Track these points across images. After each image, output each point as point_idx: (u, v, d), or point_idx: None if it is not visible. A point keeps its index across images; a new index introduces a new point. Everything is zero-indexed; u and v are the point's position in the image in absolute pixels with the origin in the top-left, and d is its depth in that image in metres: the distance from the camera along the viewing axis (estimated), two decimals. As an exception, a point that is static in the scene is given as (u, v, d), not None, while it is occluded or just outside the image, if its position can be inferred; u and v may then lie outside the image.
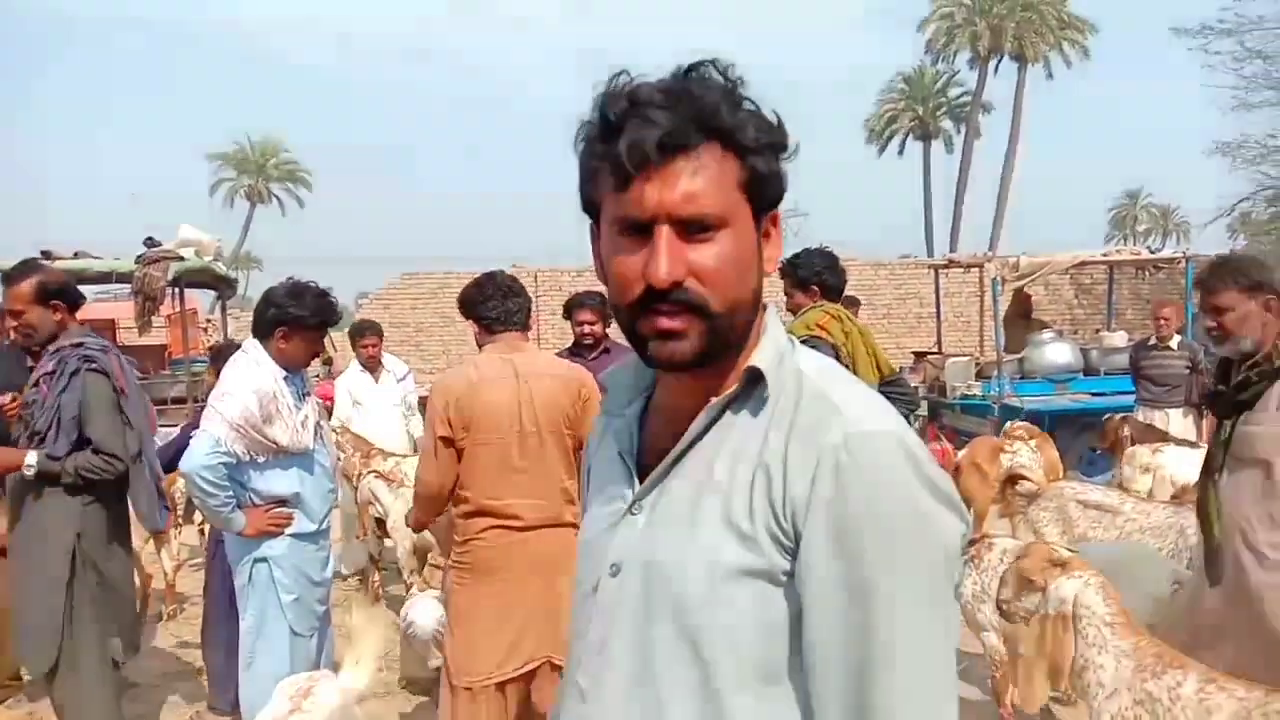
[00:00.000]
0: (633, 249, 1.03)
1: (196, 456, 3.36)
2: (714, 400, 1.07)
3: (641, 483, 1.13)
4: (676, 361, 1.05)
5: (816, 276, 4.08)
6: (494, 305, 3.34)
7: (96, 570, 3.50)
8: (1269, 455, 2.84)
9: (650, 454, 1.15)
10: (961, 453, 6.15)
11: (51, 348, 3.51)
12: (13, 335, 3.68)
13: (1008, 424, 7.17)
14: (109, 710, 3.56)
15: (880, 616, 0.97)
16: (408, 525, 3.77)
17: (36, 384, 3.50)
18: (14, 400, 3.91)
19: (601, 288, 1.18)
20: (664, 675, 1.05)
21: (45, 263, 3.94)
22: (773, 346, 1.09)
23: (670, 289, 1.01)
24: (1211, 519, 3.01)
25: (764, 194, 1.07)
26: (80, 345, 3.50)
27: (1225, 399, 3.00)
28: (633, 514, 1.12)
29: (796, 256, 4.22)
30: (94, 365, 3.46)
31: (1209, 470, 3.06)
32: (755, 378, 1.07)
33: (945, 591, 1.02)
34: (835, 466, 0.99)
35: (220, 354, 5.13)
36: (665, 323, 1.03)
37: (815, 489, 0.99)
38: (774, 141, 1.06)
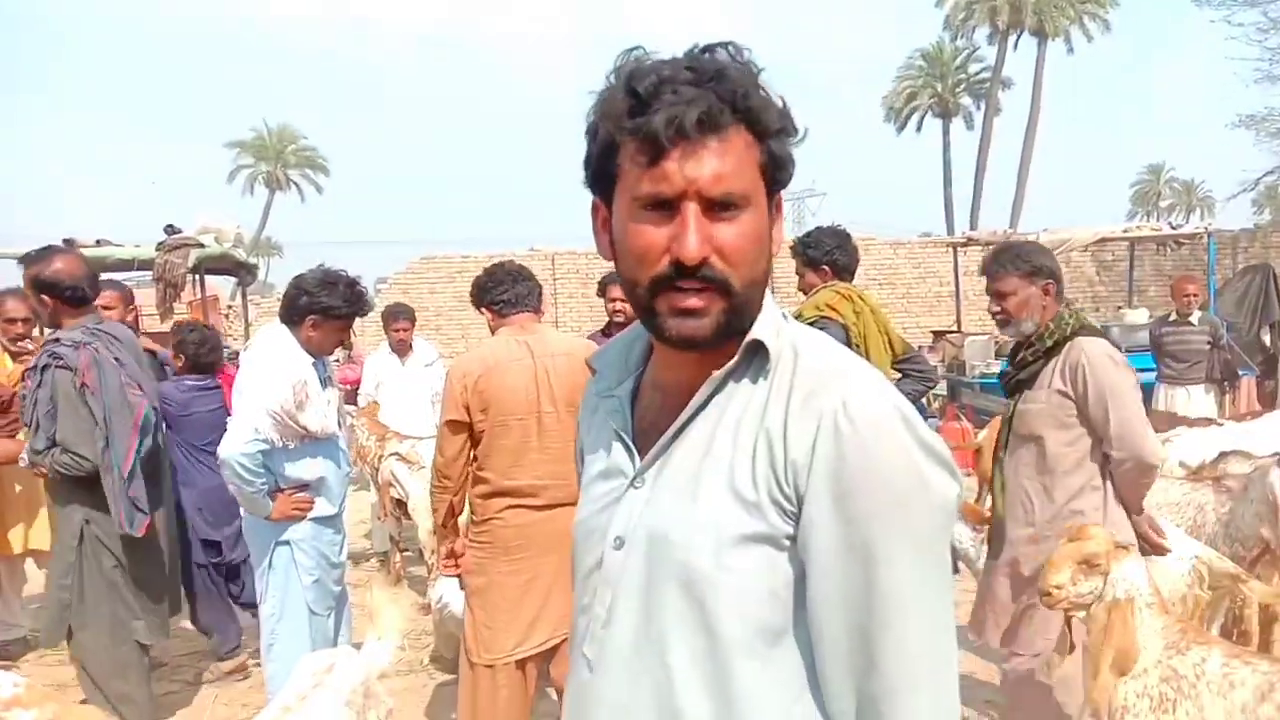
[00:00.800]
0: (657, 224, 1.04)
1: (236, 444, 3.41)
2: (716, 373, 1.09)
3: (641, 458, 1.14)
4: (696, 339, 1.06)
5: (827, 256, 4.06)
6: (505, 289, 3.38)
7: (111, 553, 3.57)
8: (1042, 430, 3.03)
9: (645, 431, 1.17)
10: (982, 433, 6.10)
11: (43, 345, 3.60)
12: None
13: None
14: (135, 689, 3.64)
15: (882, 574, 1.00)
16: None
17: (23, 378, 3.61)
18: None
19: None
20: (670, 643, 1.07)
21: (63, 249, 3.94)
22: (770, 321, 1.11)
23: (698, 266, 1.03)
24: (997, 494, 3.23)
25: (777, 177, 1.09)
26: (56, 341, 3.52)
27: (1008, 379, 3.21)
28: (635, 488, 1.13)
29: (807, 236, 4.19)
30: (61, 362, 3.46)
31: (998, 447, 3.29)
32: (754, 349, 1.09)
33: (943, 549, 1.06)
34: (834, 431, 1.01)
35: (179, 331, 4.96)
36: (690, 301, 1.04)
37: (815, 453, 1.02)
38: (787, 126, 1.08)
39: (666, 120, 1.00)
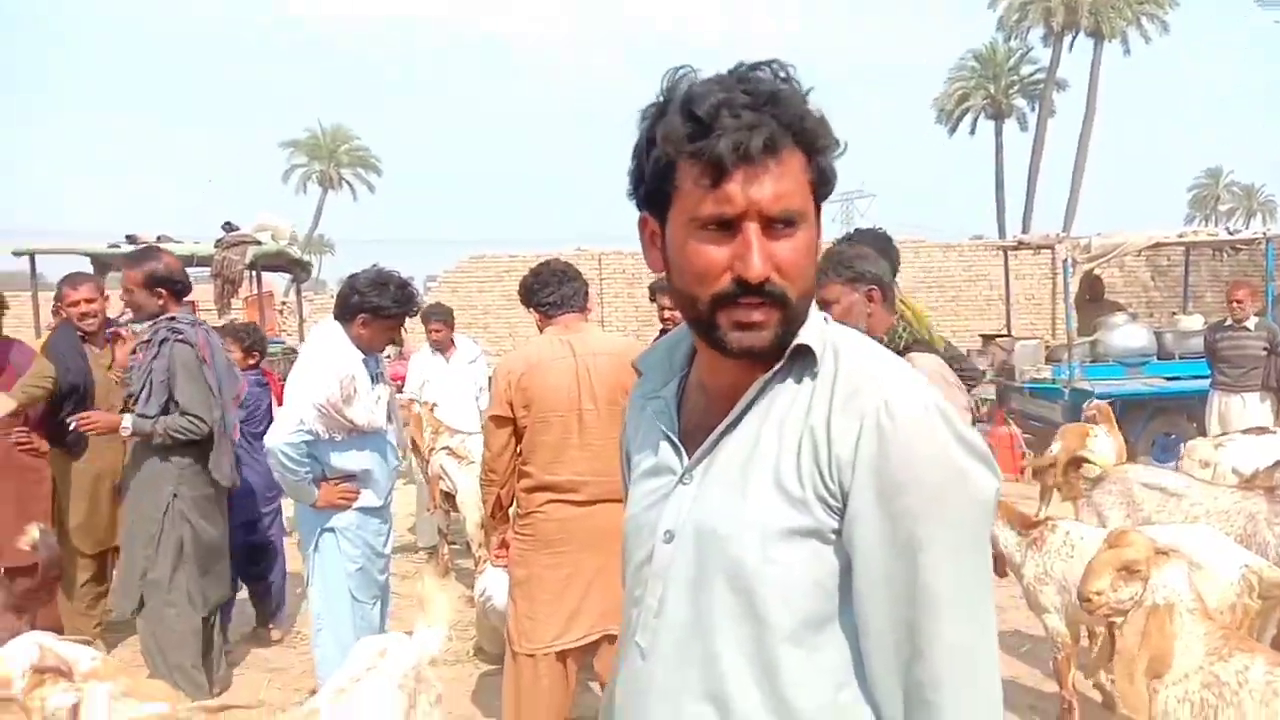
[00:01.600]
0: (718, 243, 1.08)
1: (280, 434, 3.55)
2: (763, 375, 1.14)
3: (688, 457, 1.19)
4: (756, 350, 1.11)
5: None
6: (551, 291, 3.44)
7: (191, 525, 3.85)
8: None
9: (691, 431, 1.21)
10: (1054, 447, 6.01)
11: (150, 323, 3.94)
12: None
13: (1086, 403, 7.03)
14: (191, 661, 3.80)
15: (924, 567, 1.05)
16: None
17: (134, 351, 3.97)
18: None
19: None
20: (719, 631, 1.12)
21: (164, 250, 4.36)
22: (814, 324, 1.16)
23: (762, 283, 1.08)
24: None
25: (822, 191, 1.14)
26: (172, 319, 3.90)
27: None
28: (683, 484, 1.18)
29: (849, 238, 4.18)
30: (180, 336, 3.85)
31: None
32: (799, 352, 1.13)
33: (983, 541, 1.10)
34: (877, 429, 1.06)
35: (246, 332, 5.42)
36: (753, 315, 1.09)
37: (859, 451, 1.06)
38: (833, 143, 1.13)
39: (733, 145, 1.04)
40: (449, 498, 6.05)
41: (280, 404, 4.68)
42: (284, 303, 16.63)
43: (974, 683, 1.06)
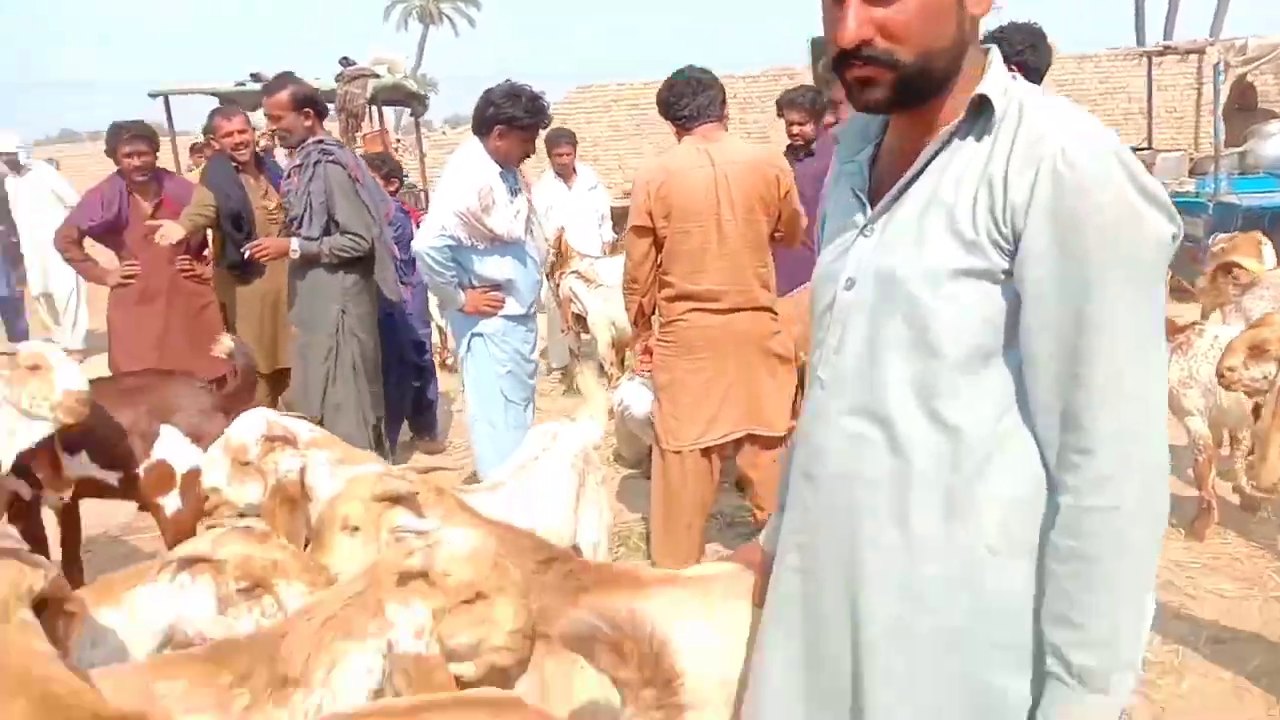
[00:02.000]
0: (835, 13, 1.17)
1: (426, 238, 3.77)
2: (943, 129, 1.18)
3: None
4: (872, 105, 1.20)
5: (1017, 55, 3.83)
6: (687, 102, 3.41)
7: (359, 341, 4.12)
8: None
9: (878, 190, 1.27)
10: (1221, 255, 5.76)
11: (299, 148, 4.07)
12: (270, 138, 4.48)
13: (1212, 238, 6.68)
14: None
15: (1095, 302, 1.09)
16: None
17: (289, 176, 4.10)
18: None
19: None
20: (890, 363, 1.21)
21: (299, 76, 4.50)
22: (998, 78, 1.19)
23: (858, 48, 1.15)
24: None
25: None
26: (320, 142, 4.03)
27: None
28: (865, 236, 1.26)
29: (1000, 31, 3.98)
30: (331, 158, 3.99)
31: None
32: (981, 105, 1.17)
33: (1156, 282, 1.13)
34: (1053, 174, 1.09)
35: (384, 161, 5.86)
36: (855, 72, 1.18)
37: (1035, 195, 1.10)
38: None
39: None
40: (580, 320, 6.25)
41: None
42: (397, 140, 16.80)
43: (1142, 401, 1.11)
